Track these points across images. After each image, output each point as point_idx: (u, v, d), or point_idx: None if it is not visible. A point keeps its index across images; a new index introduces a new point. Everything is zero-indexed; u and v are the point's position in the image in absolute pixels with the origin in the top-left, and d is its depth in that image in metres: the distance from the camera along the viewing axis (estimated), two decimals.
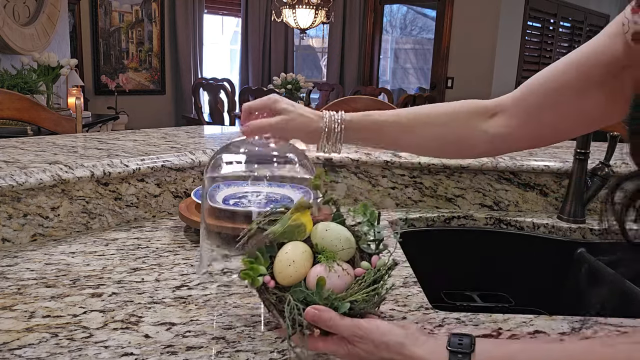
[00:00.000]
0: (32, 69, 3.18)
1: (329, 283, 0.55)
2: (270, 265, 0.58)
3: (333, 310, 0.53)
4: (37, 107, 1.76)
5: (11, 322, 0.68)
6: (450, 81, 5.78)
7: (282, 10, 4.99)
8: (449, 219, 1.24)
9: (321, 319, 0.53)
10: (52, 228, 0.98)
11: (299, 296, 0.54)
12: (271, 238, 0.58)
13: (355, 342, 0.53)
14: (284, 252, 0.57)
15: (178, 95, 5.81)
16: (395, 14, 6.91)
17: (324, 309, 0.53)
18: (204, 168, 1.20)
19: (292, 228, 0.58)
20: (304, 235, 0.59)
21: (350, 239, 0.59)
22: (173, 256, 0.92)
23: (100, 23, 5.13)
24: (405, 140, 0.76)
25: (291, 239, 0.58)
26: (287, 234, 0.58)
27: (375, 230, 0.62)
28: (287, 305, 0.54)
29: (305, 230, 0.59)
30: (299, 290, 0.55)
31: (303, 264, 0.57)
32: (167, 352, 0.62)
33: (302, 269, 0.56)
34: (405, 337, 0.52)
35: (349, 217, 0.63)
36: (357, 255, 0.60)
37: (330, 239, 0.58)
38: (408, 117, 0.76)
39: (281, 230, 0.58)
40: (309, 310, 0.53)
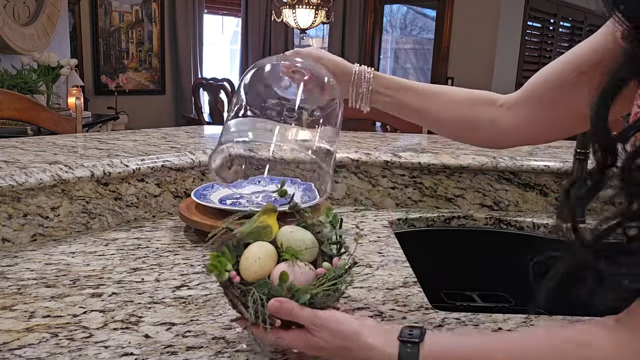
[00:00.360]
0: (32, 69, 3.18)
1: (292, 278, 0.58)
2: (236, 263, 0.60)
3: (294, 302, 0.56)
4: (37, 107, 1.76)
5: (11, 322, 0.68)
6: (450, 81, 5.77)
7: (282, 10, 4.98)
8: (449, 219, 1.24)
9: (283, 309, 0.55)
10: (52, 228, 0.98)
11: (263, 289, 0.57)
12: (238, 238, 0.61)
13: (313, 332, 0.55)
14: (251, 250, 0.60)
15: (178, 95, 5.81)
16: (395, 14, 6.91)
17: (286, 300, 0.56)
18: (204, 168, 1.20)
19: (259, 229, 0.61)
20: (270, 236, 0.62)
21: (314, 241, 0.62)
22: (173, 256, 0.92)
23: (100, 23, 5.12)
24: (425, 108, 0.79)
25: (257, 240, 0.61)
26: (254, 235, 0.61)
27: (337, 233, 0.64)
28: (251, 297, 0.56)
29: (271, 232, 0.62)
30: (263, 283, 0.58)
31: (268, 261, 0.60)
32: (167, 352, 0.62)
33: (267, 266, 0.59)
34: (361, 327, 0.55)
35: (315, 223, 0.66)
36: (319, 258, 0.63)
37: (294, 240, 0.61)
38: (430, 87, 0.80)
39: (248, 231, 0.61)
40: (272, 302, 0.56)
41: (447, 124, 0.81)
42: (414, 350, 0.51)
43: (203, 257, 0.92)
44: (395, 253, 0.98)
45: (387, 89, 0.79)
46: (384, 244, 1.02)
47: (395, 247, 1.01)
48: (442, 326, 0.71)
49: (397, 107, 0.80)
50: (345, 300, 0.77)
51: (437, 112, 0.79)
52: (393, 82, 0.80)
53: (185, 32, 5.62)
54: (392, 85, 0.79)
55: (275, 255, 0.61)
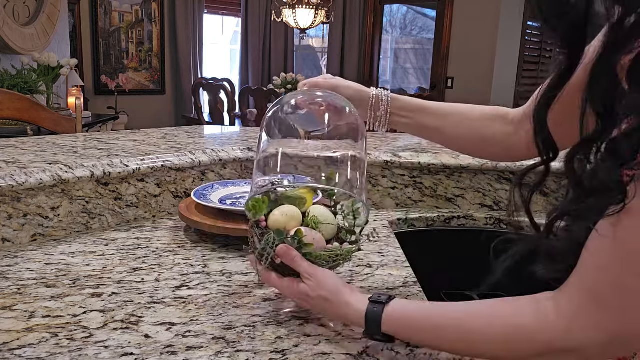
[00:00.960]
0: (32, 69, 3.18)
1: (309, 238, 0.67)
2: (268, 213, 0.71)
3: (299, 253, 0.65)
4: (37, 107, 1.76)
5: (11, 322, 0.68)
6: (450, 81, 5.77)
7: (282, 10, 4.98)
8: (449, 219, 1.24)
9: (288, 254, 0.65)
10: (52, 228, 0.98)
11: (279, 236, 0.67)
12: (279, 196, 0.73)
13: (305, 279, 0.65)
14: (283, 207, 0.71)
15: (178, 95, 5.81)
16: (395, 14, 6.91)
17: (293, 249, 0.65)
18: (204, 168, 1.20)
19: (297, 197, 0.73)
20: (303, 207, 0.73)
21: (335, 222, 0.72)
22: (173, 256, 0.92)
23: (100, 23, 5.12)
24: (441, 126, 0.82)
25: (292, 204, 0.72)
26: (291, 200, 0.72)
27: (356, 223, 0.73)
28: (266, 237, 0.67)
29: (305, 204, 0.73)
30: (281, 232, 0.67)
31: (292, 221, 0.70)
32: (167, 352, 0.62)
33: (290, 223, 0.69)
34: (344, 286, 0.64)
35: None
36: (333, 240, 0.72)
37: (320, 214, 0.72)
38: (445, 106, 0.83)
39: (288, 195, 0.73)
40: (281, 246, 0.66)
41: (463, 141, 0.83)
42: (379, 309, 0.60)
43: (203, 257, 0.92)
44: (395, 253, 0.98)
45: (404, 111, 0.82)
46: (384, 244, 1.02)
47: (395, 247, 1.01)
48: None
49: (415, 128, 0.84)
50: None
51: (453, 130, 0.81)
52: (410, 103, 0.82)
53: (185, 32, 5.62)
54: (409, 107, 0.82)
55: (300, 220, 0.71)
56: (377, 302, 0.61)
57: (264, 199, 0.70)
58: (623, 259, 0.47)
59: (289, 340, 0.66)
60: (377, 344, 0.66)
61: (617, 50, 0.46)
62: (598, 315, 0.48)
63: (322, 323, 0.70)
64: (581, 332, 0.49)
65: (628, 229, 0.46)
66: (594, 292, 0.48)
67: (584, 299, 0.49)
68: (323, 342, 0.66)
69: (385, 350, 0.66)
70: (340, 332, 0.68)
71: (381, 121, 0.81)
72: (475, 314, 0.56)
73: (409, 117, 0.82)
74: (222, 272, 0.86)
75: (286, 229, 0.68)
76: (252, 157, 1.27)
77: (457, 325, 0.57)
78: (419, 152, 1.27)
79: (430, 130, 0.83)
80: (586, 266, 0.49)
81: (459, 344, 0.57)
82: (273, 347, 0.64)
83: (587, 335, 0.49)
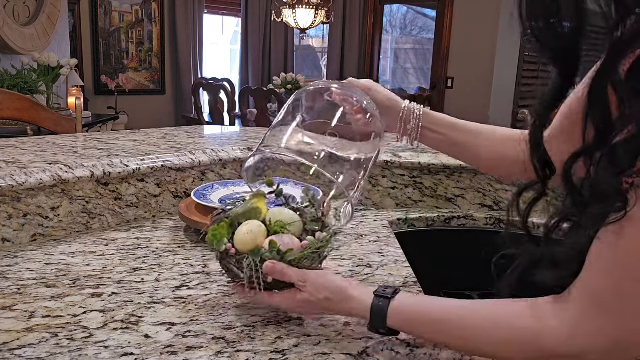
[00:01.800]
0: (32, 69, 3.18)
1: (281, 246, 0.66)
2: (230, 238, 0.69)
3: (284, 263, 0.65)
4: (37, 107, 1.76)
5: (11, 322, 0.68)
6: (450, 81, 5.77)
7: (282, 10, 4.98)
8: (449, 219, 1.24)
9: (275, 269, 0.64)
10: (52, 228, 0.98)
11: (256, 256, 0.65)
12: (233, 217, 0.70)
13: (301, 287, 0.64)
14: (244, 225, 0.69)
15: (178, 95, 5.81)
16: (395, 14, 6.91)
17: (278, 262, 0.65)
18: (204, 168, 1.20)
19: (250, 210, 0.71)
20: (260, 216, 0.71)
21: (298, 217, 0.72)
22: (173, 256, 0.92)
23: (100, 23, 5.12)
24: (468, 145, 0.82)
25: (249, 219, 0.70)
26: (246, 214, 0.71)
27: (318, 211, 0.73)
28: (246, 262, 0.65)
29: (261, 213, 0.72)
30: (256, 250, 0.66)
31: (259, 235, 0.68)
32: (167, 352, 0.62)
33: (258, 238, 0.68)
34: (343, 282, 0.64)
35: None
36: (304, 234, 0.72)
37: (282, 215, 0.71)
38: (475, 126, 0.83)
39: (241, 212, 0.71)
40: (267, 263, 0.64)
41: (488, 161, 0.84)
42: (385, 304, 0.60)
43: (203, 257, 0.92)
44: (395, 253, 0.98)
45: (437, 126, 0.82)
46: (384, 244, 1.02)
47: (395, 247, 1.01)
48: None
49: (446, 144, 0.83)
50: None
51: (478, 149, 0.82)
52: (445, 120, 0.82)
53: (185, 32, 5.62)
54: (444, 124, 0.82)
55: (265, 231, 0.69)
56: (382, 297, 0.61)
57: (222, 225, 0.69)
58: (625, 265, 0.47)
59: (289, 340, 0.66)
60: (377, 344, 0.66)
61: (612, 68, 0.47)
62: (600, 322, 0.48)
63: (322, 323, 0.70)
64: (584, 338, 0.49)
65: (630, 236, 0.46)
66: (597, 298, 0.49)
67: (587, 305, 0.49)
68: (323, 342, 0.66)
69: (385, 351, 0.66)
70: (341, 332, 0.68)
71: (411, 135, 0.81)
72: (480, 313, 0.57)
73: (441, 132, 0.82)
74: (222, 272, 0.86)
75: (257, 245, 0.67)
76: None
77: (461, 322, 0.57)
78: (419, 152, 1.27)
79: (461, 147, 0.83)
80: (589, 273, 0.49)
81: (460, 341, 0.58)
82: (273, 347, 0.64)
83: (589, 342, 0.49)
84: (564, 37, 0.50)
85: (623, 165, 0.46)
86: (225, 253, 0.68)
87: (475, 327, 0.56)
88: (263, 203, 0.73)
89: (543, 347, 0.51)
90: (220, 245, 0.67)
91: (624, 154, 0.46)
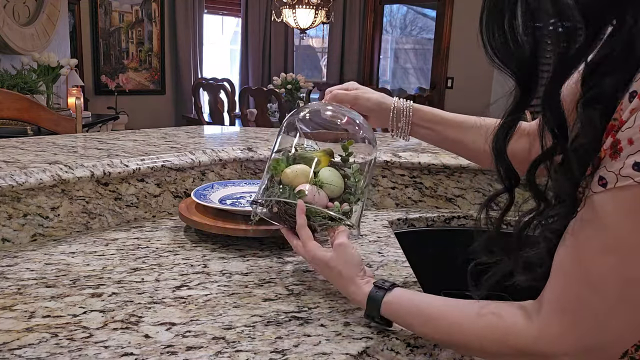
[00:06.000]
0: (32, 69, 3.18)
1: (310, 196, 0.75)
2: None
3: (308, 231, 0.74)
4: (37, 107, 1.76)
5: (11, 322, 0.68)
6: (450, 81, 5.77)
7: (282, 10, 4.98)
8: (449, 219, 1.24)
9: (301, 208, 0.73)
10: (52, 228, 0.98)
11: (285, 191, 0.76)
12: (295, 155, 0.81)
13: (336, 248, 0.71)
14: (296, 165, 0.79)
15: (178, 95, 5.81)
16: (395, 14, 6.91)
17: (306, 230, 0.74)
18: (204, 168, 1.20)
19: (310, 158, 0.80)
20: (316, 167, 0.79)
21: (341, 184, 0.79)
22: (173, 256, 0.92)
23: (100, 23, 5.12)
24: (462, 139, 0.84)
25: (307, 164, 0.79)
26: (306, 160, 0.80)
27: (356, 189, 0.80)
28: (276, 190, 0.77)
29: (319, 165, 0.80)
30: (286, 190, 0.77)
31: (300, 176, 0.77)
32: (167, 352, 0.62)
33: (298, 179, 0.77)
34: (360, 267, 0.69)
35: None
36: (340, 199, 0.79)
37: (328, 175, 0.78)
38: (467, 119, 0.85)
39: (304, 156, 0.81)
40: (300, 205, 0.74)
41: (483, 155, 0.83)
42: (380, 294, 0.65)
43: (203, 257, 0.92)
44: (395, 253, 0.98)
45: (427, 122, 0.85)
46: (384, 244, 1.02)
47: (395, 247, 1.01)
48: None
49: (436, 139, 0.87)
50: (345, 301, 0.77)
51: (473, 144, 0.83)
52: (433, 115, 0.85)
53: (185, 32, 5.62)
54: (432, 119, 0.85)
55: (309, 177, 0.77)
56: (380, 287, 0.66)
57: (282, 159, 0.80)
58: (581, 271, 0.48)
59: (289, 340, 0.66)
60: (377, 344, 0.66)
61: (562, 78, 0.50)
62: (563, 327, 0.50)
63: (322, 323, 0.70)
64: (548, 340, 0.51)
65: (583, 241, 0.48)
66: (559, 303, 0.50)
67: (551, 310, 0.51)
68: (323, 342, 0.66)
69: (385, 351, 0.66)
70: (341, 332, 0.68)
71: (402, 132, 0.85)
72: (462, 310, 0.59)
73: (430, 128, 0.85)
74: (222, 272, 0.86)
75: (293, 184, 0.77)
76: (252, 157, 1.27)
77: (443, 318, 0.61)
78: (419, 152, 1.27)
79: (451, 142, 0.86)
80: (552, 277, 0.51)
81: (442, 335, 0.61)
82: (273, 347, 0.64)
83: (554, 344, 0.51)
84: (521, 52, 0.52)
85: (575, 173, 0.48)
86: (272, 177, 0.80)
87: (455, 323, 0.59)
88: (326, 160, 0.81)
89: (511, 345, 0.53)
90: (276, 173, 0.79)
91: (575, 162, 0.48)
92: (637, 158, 0.43)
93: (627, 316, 0.47)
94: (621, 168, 0.44)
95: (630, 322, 0.48)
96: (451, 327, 0.59)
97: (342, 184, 0.79)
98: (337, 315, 0.72)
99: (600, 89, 0.48)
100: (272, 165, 0.79)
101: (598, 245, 0.47)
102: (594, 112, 0.48)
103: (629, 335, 0.50)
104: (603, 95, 0.48)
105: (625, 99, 0.46)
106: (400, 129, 0.85)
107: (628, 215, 0.44)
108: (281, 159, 0.80)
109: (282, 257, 0.93)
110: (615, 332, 0.48)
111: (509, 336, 0.53)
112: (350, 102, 0.85)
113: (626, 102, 0.45)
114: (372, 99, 0.85)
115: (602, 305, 0.47)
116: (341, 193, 0.79)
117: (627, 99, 0.45)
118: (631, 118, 0.44)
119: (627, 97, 0.45)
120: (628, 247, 0.45)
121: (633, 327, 0.49)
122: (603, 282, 0.47)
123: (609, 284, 0.46)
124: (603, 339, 0.49)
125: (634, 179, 0.43)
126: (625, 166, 0.44)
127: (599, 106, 0.48)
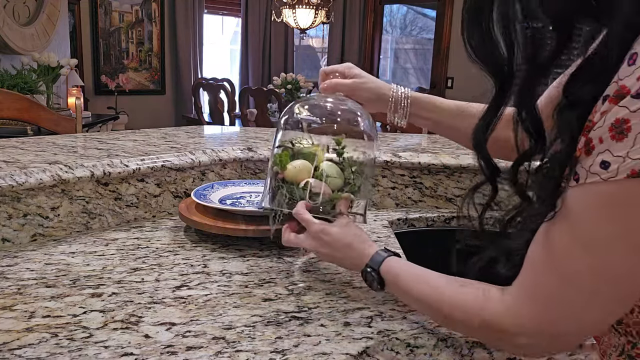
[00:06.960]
0: (32, 69, 3.18)
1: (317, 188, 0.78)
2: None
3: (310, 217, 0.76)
4: (37, 107, 1.76)
5: (11, 322, 0.68)
6: (450, 81, 5.78)
7: (282, 10, 4.98)
8: (449, 219, 1.24)
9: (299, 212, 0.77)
10: (52, 228, 0.98)
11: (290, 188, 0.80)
12: (295, 151, 0.83)
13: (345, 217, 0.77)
14: (297, 160, 0.82)
15: (178, 95, 5.81)
16: (395, 14, 6.92)
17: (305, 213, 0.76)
18: (204, 168, 1.20)
19: (309, 153, 0.83)
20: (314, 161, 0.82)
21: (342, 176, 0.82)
22: (173, 256, 0.92)
23: (100, 23, 5.13)
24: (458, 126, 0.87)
25: (306, 159, 0.82)
26: (305, 155, 0.82)
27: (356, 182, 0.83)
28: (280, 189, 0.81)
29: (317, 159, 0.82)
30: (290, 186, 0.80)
31: (303, 172, 0.81)
32: (167, 352, 0.62)
33: (301, 174, 0.80)
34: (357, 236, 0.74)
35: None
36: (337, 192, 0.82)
37: (329, 167, 0.81)
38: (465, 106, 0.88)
39: (303, 151, 0.83)
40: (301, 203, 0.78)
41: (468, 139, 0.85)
42: (381, 257, 0.70)
43: (203, 257, 0.92)
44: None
45: (423, 110, 0.88)
46: (384, 244, 1.02)
47: (395, 247, 1.01)
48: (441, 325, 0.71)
49: (432, 126, 0.91)
50: (345, 301, 0.77)
51: (459, 129, 0.87)
52: (429, 103, 0.89)
53: (185, 32, 5.62)
54: (429, 107, 0.88)
55: (310, 172, 0.81)
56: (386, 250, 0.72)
57: (285, 154, 0.83)
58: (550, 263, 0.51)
59: (289, 340, 0.66)
60: (377, 344, 0.66)
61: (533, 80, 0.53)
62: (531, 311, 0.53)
63: (322, 323, 0.70)
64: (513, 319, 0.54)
65: (554, 235, 0.51)
66: (528, 289, 0.54)
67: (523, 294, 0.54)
68: (323, 342, 0.66)
69: (385, 351, 0.66)
70: (341, 332, 0.68)
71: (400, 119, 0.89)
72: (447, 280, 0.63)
73: (426, 117, 0.89)
74: (222, 272, 0.86)
75: (297, 180, 0.80)
76: (252, 157, 1.27)
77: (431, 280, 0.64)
78: (419, 152, 1.27)
79: (447, 129, 0.90)
80: (525, 264, 0.55)
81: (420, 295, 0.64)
82: (273, 347, 0.64)
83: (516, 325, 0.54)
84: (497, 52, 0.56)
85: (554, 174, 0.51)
86: (276, 173, 0.82)
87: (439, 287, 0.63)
88: (322, 153, 0.84)
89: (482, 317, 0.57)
90: (283, 166, 0.81)
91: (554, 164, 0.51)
92: (604, 157, 0.45)
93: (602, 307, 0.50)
94: (591, 165, 0.46)
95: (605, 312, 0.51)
96: (434, 290, 0.63)
97: (342, 176, 0.82)
98: (337, 315, 0.72)
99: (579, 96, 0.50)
100: (276, 160, 0.81)
101: (568, 238, 0.49)
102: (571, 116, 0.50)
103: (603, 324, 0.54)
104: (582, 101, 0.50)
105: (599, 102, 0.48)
106: (398, 117, 0.88)
107: (595, 209, 0.47)
108: (284, 153, 0.82)
109: (282, 257, 0.93)
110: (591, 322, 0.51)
111: (483, 310, 0.56)
112: (348, 93, 0.87)
113: (599, 105, 0.48)
114: (371, 89, 0.87)
115: (579, 298, 0.50)
116: (342, 185, 0.82)
117: (601, 102, 0.48)
118: (602, 119, 0.46)
119: (601, 101, 0.48)
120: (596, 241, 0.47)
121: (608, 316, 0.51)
122: (577, 275, 0.49)
123: (583, 277, 0.49)
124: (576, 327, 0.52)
125: (601, 176, 0.45)
126: (594, 163, 0.46)
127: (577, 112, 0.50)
